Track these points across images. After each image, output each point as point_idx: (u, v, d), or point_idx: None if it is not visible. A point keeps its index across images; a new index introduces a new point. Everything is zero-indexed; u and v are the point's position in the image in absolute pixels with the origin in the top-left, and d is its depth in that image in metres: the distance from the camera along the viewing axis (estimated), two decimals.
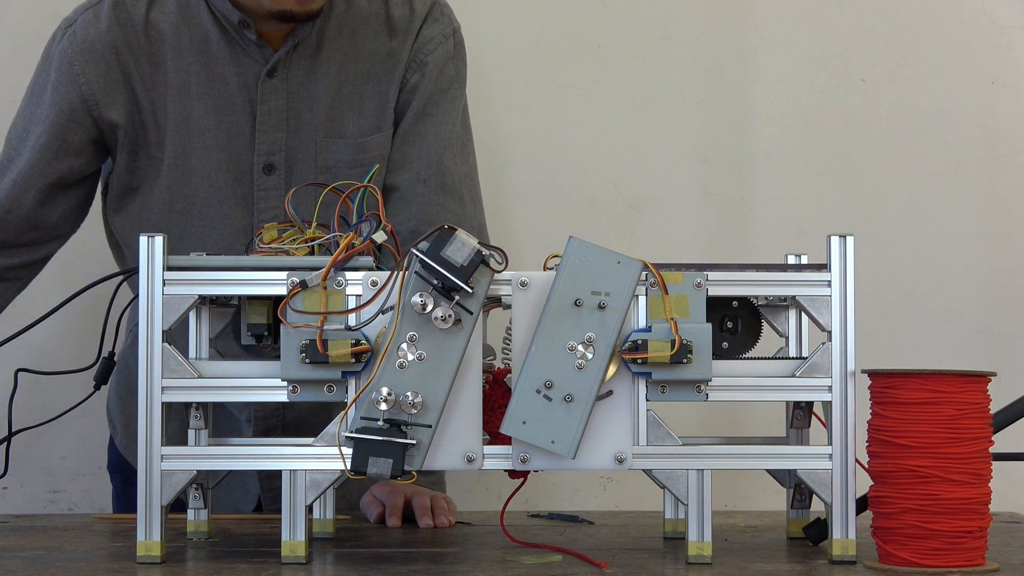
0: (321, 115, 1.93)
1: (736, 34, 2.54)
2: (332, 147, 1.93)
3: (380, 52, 1.96)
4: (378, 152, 1.95)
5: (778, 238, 2.51)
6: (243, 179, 1.91)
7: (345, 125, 1.94)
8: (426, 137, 1.98)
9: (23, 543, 1.60)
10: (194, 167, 1.90)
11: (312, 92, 1.92)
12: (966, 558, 1.37)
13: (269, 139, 1.90)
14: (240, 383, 1.43)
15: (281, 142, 1.91)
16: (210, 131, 1.90)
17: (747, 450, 1.45)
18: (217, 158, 1.90)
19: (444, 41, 2.01)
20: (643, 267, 1.39)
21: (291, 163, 1.92)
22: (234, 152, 1.90)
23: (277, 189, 1.90)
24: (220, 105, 1.90)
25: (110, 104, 1.89)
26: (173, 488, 1.42)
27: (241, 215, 1.91)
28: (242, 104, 1.90)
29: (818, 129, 2.54)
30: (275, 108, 1.90)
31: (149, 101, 1.90)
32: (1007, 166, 2.54)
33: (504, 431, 1.37)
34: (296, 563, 1.40)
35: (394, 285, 1.37)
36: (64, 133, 1.90)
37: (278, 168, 1.91)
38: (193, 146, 1.90)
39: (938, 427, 1.36)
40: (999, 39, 2.54)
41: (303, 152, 1.92)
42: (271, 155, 1.90)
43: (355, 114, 1.94)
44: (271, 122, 1.90)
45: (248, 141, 1.91)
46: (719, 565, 1.41)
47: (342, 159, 1.93)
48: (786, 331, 1.59)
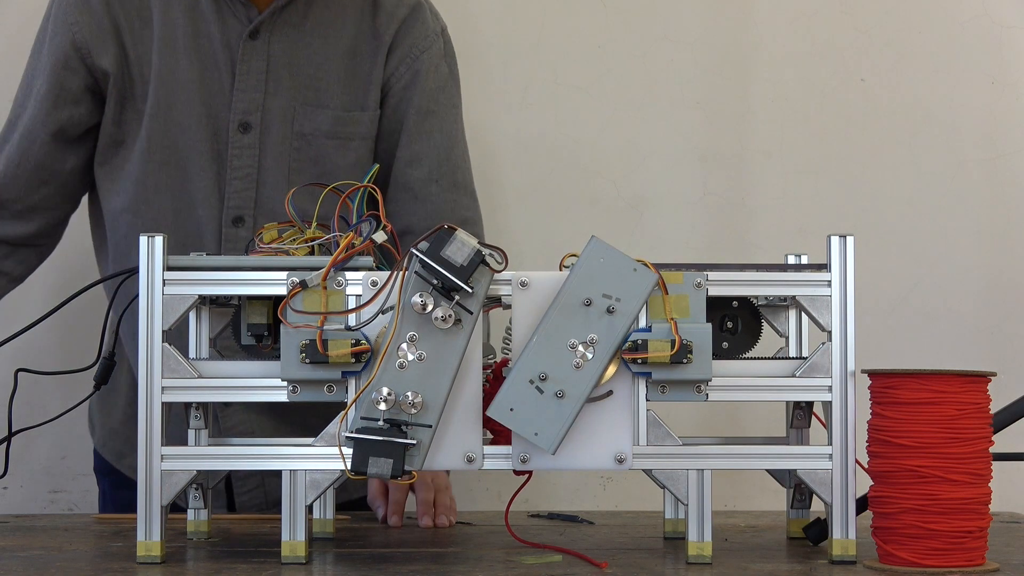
0: (302, 82, 1.96)
1: (736, 34, 2.54)
2: (311, 115, 1.96)
3: (365, 32, 2.00)
4: (359, 130, 1.99)
5: (778, 238, 2.51)
6: (220, 135, 1.95)
7: (327, 96, 1.97)
8: (433, 135, 2.02)
9: (23, 543, 1.60)
10: (174, 119, 1.95)
11: (294, 59, 1.96)
12: (966, 558, 1.37)
13: (246, 98, 1.95)
14: (240, 383, 1.43)
15: (258, 102, 1.95)
16: (193, 85, 1.95)
17: (747, 450, 1.45)
18: (198, 112, 1.95)
19: (436, 39, 2.05)
20: (658, 279, 1.39)
21: (267, 124, 1.95)
22: (213, 108, 1.95)
23: (251, 148, 1.95)
24: (203, 61, 1.95)
25: (101, 53, 1.95)
26: (173, 488, 1.42)
27: (217, 170, 1.95)
28: (224, 62, 1.95)
29: (818, 129, 2.54)
30: (254, 69, 1.95)
31: (136, 55, 1.96)
32: (1007, 166, 2.54)
33: (490, 414, 1.37)
34: (296, 563, 1.40)
35: (394, 285, 1.37)
36: (61, 81, 1.96)
37: (253, 127, 1.95)
38: (175, 98, 1.95)
39: (938, 427, 1.36)
40: (999, 39, 2.54)
41: (280, 116, 1.96)
42: (247, 114, 1.95)
43: (338, 87, 1.98)
44: (249, 82, 1.95)
45: (227, 99, 1.95)
46: (719, 565, 1.41)
47: (320, 128, 1.97)
48: (786, 331, 1.59)
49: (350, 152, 1.98)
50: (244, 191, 1.94)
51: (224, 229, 1.94)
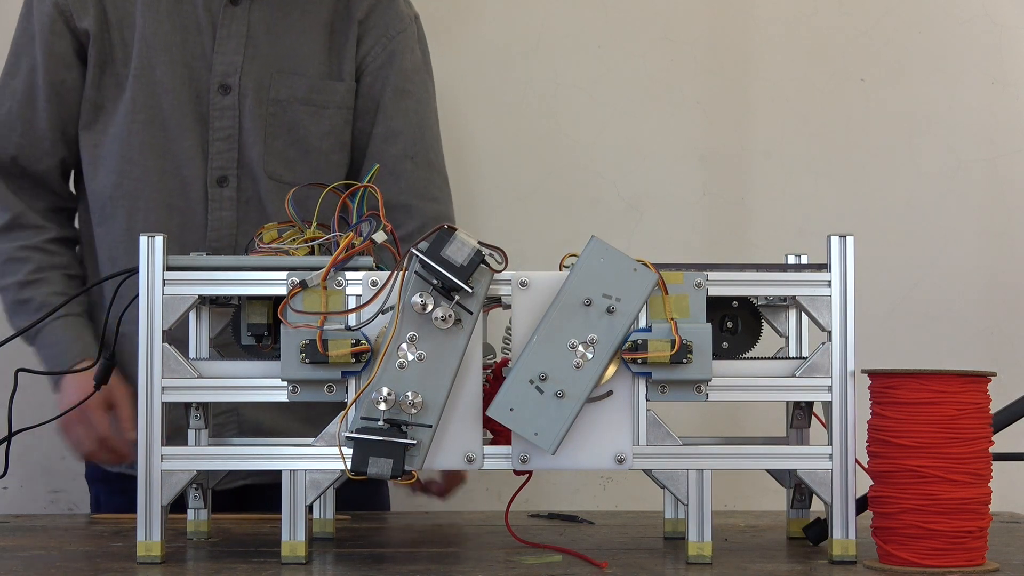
0: (279, 50, 2.02)
1: (736, 34, 2.54)
2: (286, 81, 2.02)
3: (340, 11, 2.07)
4: (334, 99, 2.04)
5: (778, 238, 2.51)
6: (202, 97, 2.00)
7: (303, 64, 2.03)
8: (409, 114, 2.08)
9: (23, 543, 1.60)
10: (158, 80, 1.99)
11: (273, 27, 2.02)
12: (966, 558, 1.37)
13: (226, 60, 2.00)
14: (240, 383, 1.43)
15: (236, 65, 2.00)
16: (175, 47, 1.99)
17: (747, 450, 1.45)
18: (180, 73, 1.99)
19: (410, 23, 2.12)
20: (658, 280, 1.39)
21: (244, 88, 2.00)
22: (195, 70, 2.00)
23: (231, 110, 1.99)
24: (186, 24, 2.00)
25: (83, 15, 2.00)
26: (173, 488, 1.41)
27: (199, 131, 1.99)
28: (206, 25, 2.00)
29: (818, 129, 2.54)
30: (234, 33, 2.01)
31: (117, 19, 2.00)
32: (1007, 166, 2.54)
33: (490, 414, 1.37)
34: (296, 563, 1.40)
35: (394, 285, 1.37)
36: (50, 47, 2.00)
37: (233, 89, 2.00)
38: (158, 59, 1.99)
39: (938, 427, 1.36)
40: (999, 39, 2.54)
41: (258, 81, 2.01)
42: (226, 76, 2.00)
43: (313, 57, 2.04)
44: (229, 46, 2.00)
45: (208, 62, 2.00)
46: (719, 565, 1.41)
47: (295, 95, 2.02)
48: (786, 331, 1.59)
49: (324, 120, 2.03)
50: (227, 152, 1.99)
51: (209, 189, 1.99)
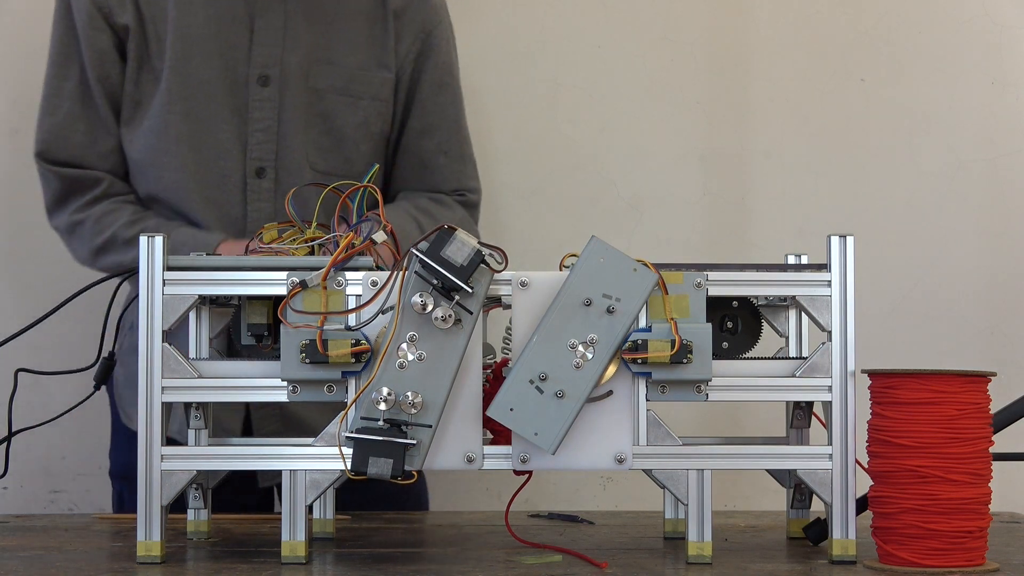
0: (317, 39, 2.03)
1: (736, 34, 2.53)
2: (324, 72, 2.02)
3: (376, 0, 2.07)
4: (370, 90, 2.05)
5: (778, 238, 2.51)
6: (239, 90, 2.00)
7: (341, 53, 2.04)
8: (447, 108, 2.10)
9: (23, 543, 1.60)
10: (192, 72, 1.99)
11: (310, 15, 2.02)
12: (966, 558, 1.37)
13: (265, 52, 2.00)
14: (240, 383, 1.43)
15: (277, 56, 2.00)
16: (210, 39, 1.99)
17: (747, 450, 1.45)
18: (216, 65, 1.99)
19: (444, 15, 2.13)
20: (658, 279, 1.39)
21: (285, 78, 2.01)
22: (232, 62, 2.00)
23: (271, 102, 2.00)
24: (221, 15, 2.00)
25: (120, 10, 2.00)
26: (173, 488, 1.41)
27: (236, 123, 2.00)
28: (242, 16, 2.00)
29: (818, 129, 2.54)
30: (273, 24, 2.01)
31: (151, 13, 2.00)
32: (1007, 166, 2.54)
33: (490, 414, 1.37)
34: (296, 563, 1.40)
35: (394, 285, 1.37)
36: (93, 43, 2.01)
37: (273, 81, 1.99)
38: (193, 51, 1.99)
39: (938, 427, 1.36)
40: (999, 39, 2.54)
41: (297, 71, 2.01)
42: (266, 67, 2.00)
43: (350, 46, 2.04)
44: (268, 36, 2.00)
45: (245, 53, 2.00)
46: (719, 565, 1.41)
47: (333, 85, 2.03)
48: (786, 331, 1.59)
49: (359, 111, 2.04)
50: (265, 143, 1.99)
51: (248, 180, 1.99)
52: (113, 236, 1.99)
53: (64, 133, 2.04)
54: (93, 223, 2.01)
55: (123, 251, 1.98)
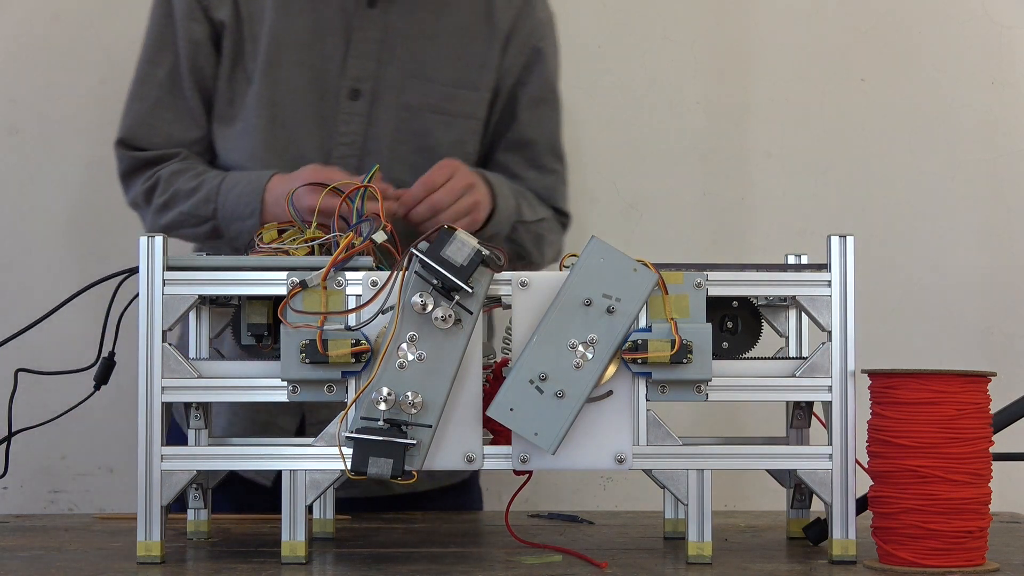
0: (413, 55, 1.98)
1: (736, 34, 2.53)
2: (419, 88, 1.98)
3: (478, 14, 2.01)
4: (465, 108, 2.00)
5: (778, 238, 2.50)
6: (328, 101, 1.96)
7: (437, 70, 1.99)
8: (543, 123, 2.06)
9: (23, 543, 1.60)
10: (283, 79, 1.96)
11: (409, 31, 1.98)
12: (966, 558, 1.37)
13: (359, 65, 1.96)
14: (240, 383, 1.43)
15: (371, 71, 1.96)
16: (305, 48, 1.96)
17: (747, 450, 1.45)
18: (306, 75, 1.96)
19: (550, 29, 2.09)
20: (658, 280, 1.39)
21: (377, 94, 1.96)
22: (323, 73, 1.96)
23: (360, 116, 1.95)
24: (317, 25, 1.96)
25: (219, 5, 1.97)
26: (173, 488, 1.41)
27: (321, 135, 1.96)
28: (339, 27, 1.96)
29: (818, 129, 2.54)
30: (370, 37, 1.96)
31: (248, 12, 1.97)
32: (1007, 166, 2.54)
33: (490, 414, 1.37)
34: (296, 563, 1.40)
35: (394, 285, 1.37)
36: (190, 33, 1.98)
37: (363, 95, 1.96)
38: (286, 58, 1.96)
39: (938, 427, 1.36)
40: (999, 39, 2.54)
41: (390, 87, 1.97)
42: (359, 81, 1.96)
43: (448, 63, 1.99)
44: (364, 50, 1.96)
45: (339, 65, 1.96)
46: (719, 565, 1.41)
47: (428, 102, 1.98)
48: (786, 331, 1.59)
49: (454, 129, 1.99)
50: (349, 157, 1.96)
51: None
52: (176, 191, 1.95)
53: (150, 120, 2.00)
54: (163, 183, 1.97)
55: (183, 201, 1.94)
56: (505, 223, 1.93)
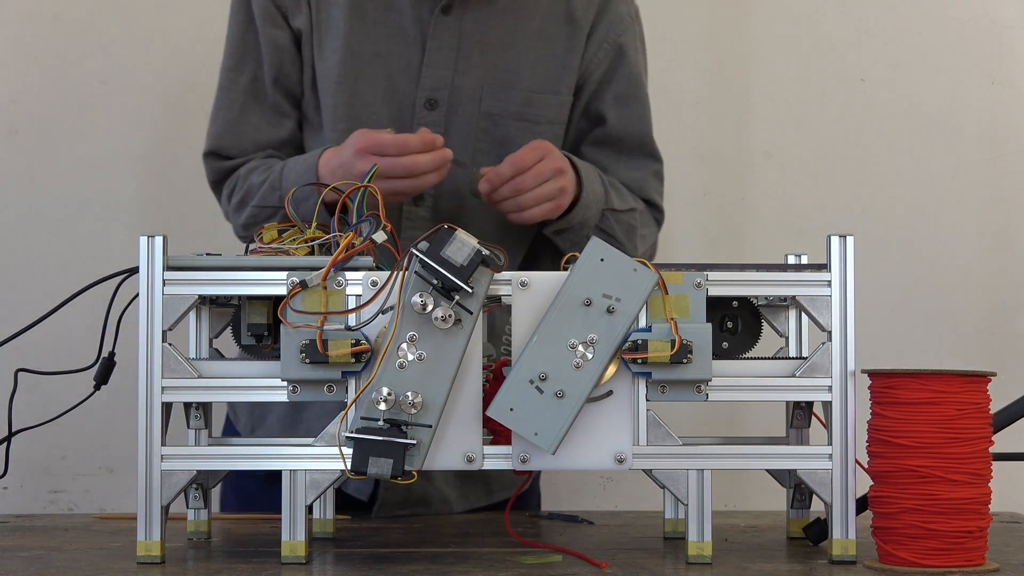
0: (491, 61, 1.93)
1: (736, 34, 2.53)
2: (499, 95, 1.93)
3: (558, 15, 1.96)
4: (547, 113, 1.95)
5: (778, 238, 2.51)
6: (404, 112, 1.91)
7: (517, 76, 1.93)
8: (632, 121, 2.00)
9: (23, 543, 1.60)
10: (359, 91, 1.91)
11: (485, 37, 1.92)
12: (966, 558, 1.37)
13: (435, 75, 1.91)
14: (240, 383, 1.43)
15: (447, 80, 1.91)
16: (380, 59, 1.91)
17: (747, 450, 1.45)
18: (383, 86, 1.91)
19: (632, 23, 2.02)
20: (658, 280, 1.39)
21: (454, 103, 1.92)
22: (399, 83, 1.91)
23: (436, 126, 1.90)
24: (392, 34, 1.91)
25: (296, 12, 1.93)
26: (173, 488, 1.41)
27: None
28: (414, 36, 1.91)
29: (818, 129, 2.54)
30: (445, 45, 1.91)
31: (319, 20, 1.92)
32: (1007, 166, 2.54)
33: (490, 414, 1.37)
34: (296, 563, 1.40)
35: (394, 285, 1.37)
36: (273, 40, 1.93)
37: (440, 105, 1.91)
38: (362, 69, 1.91)
39: (938, 427, 1.36)
40: (999, 39, 2.54)
41: (468, 95, 1.92)
42: (435, 91, 1.91)
43: (528, 69, 1.94)
44: (439, 58, 1.91)
45: (414, 75, 1.91)
46: (719, 565, 1.41)
47: (508, 110, 1.93)
48: (786, 331, 1.59)
49: (536, 136, 1.91)
50: None
51: (404, 207, 1.91)
52: (248, 186, 1.91)
53: (238, 128, 1.95)
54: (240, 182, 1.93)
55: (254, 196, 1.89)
56: (593, 211, 1.88)
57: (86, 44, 2.54)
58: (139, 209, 2.55)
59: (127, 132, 2.55)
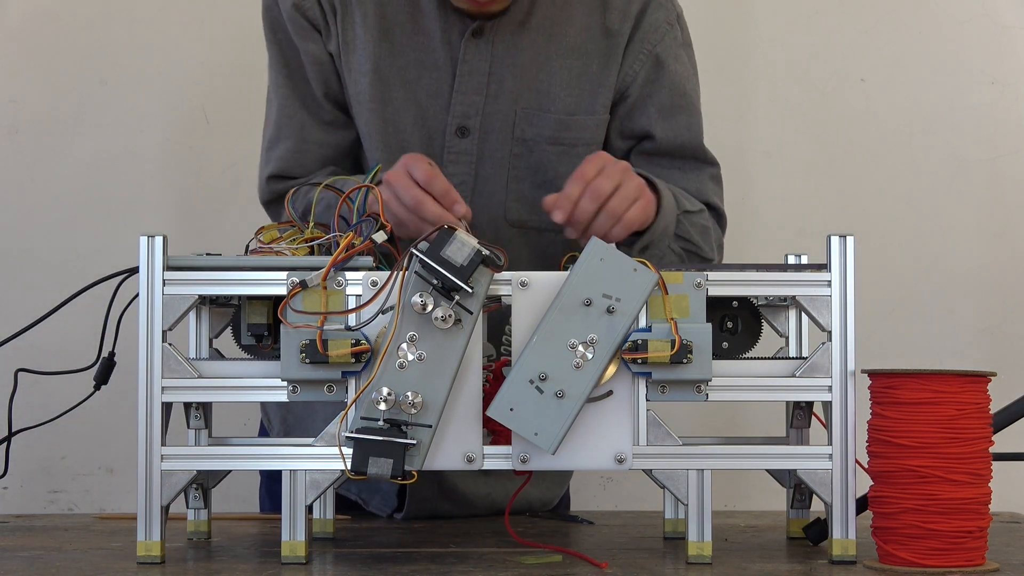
0: (524, 84, 1.84)
1: (736, 34, 2.53)
2: (533, 119, 1.84)
3: (593, 29, 1.87)
4: (584, 135, 1.86)
5: (778, 238, 2.51)
6: (435, 139, 1.84)
7: (550, 99, 1.85)
8: (679, 131, 1.90)
9: (23, 543, 1.60)
10: (389, 117, 1.84)
11: (517, 59, 1.84)
12: (966, 558, 1.37)
13: (466, 101, 1.83)
14: (240, 383, 1.43)
15: (478, 106, 1.83)
16: (409, 84, 1.84)
17: (747, 450, 1.45)
18: (413, 113, 1.84)
19: (670, 29, 1.91)
20: (658, 280, 1.39)
21: (487, 129, 1.84)
22: (430, 109, 1.84)
23: (468, 154, 1.83)
24: (422, 59, 1.84)
25: (327, 33, 1.85)
26: (173, 488, 1.42)
27: None
28: (444, 61, 1.83)
29: (818, 129, 2.54)
30: (476, 70, 1.83)
31: (346, 41, 1.84)
32: (1007, 166, 2.54)
33: (490, 414, 1.37)
34: (296, 563, 1.40)
35: (394, 285, 1.37)
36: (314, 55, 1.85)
37: (472, 132, 1.83)
38: (391, 95, 1.84)
39: (938, 427, 1.36)
40: (999, 39, 2.54)
41: (501, 120, 1.84)
42: (466, 118, 1.83)
43: (562, 89, 1.85)
44: (471, 84, 1.83)
45: (444, 101, 1.84)
46: (719, 565, 1.41)
47: (542, 134, 1.85)
48: (786, 331, 1.59)
49: (573, 160, 1.81)
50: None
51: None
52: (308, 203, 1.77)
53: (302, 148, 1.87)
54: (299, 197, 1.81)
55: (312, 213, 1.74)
56: (671, 216, 1.77)
57: (86, 44, 2.54)
58: (139, 209, 2.55)
59: (127, 132, 2.55)
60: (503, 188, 1.85)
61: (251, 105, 2.56)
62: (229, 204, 2.57)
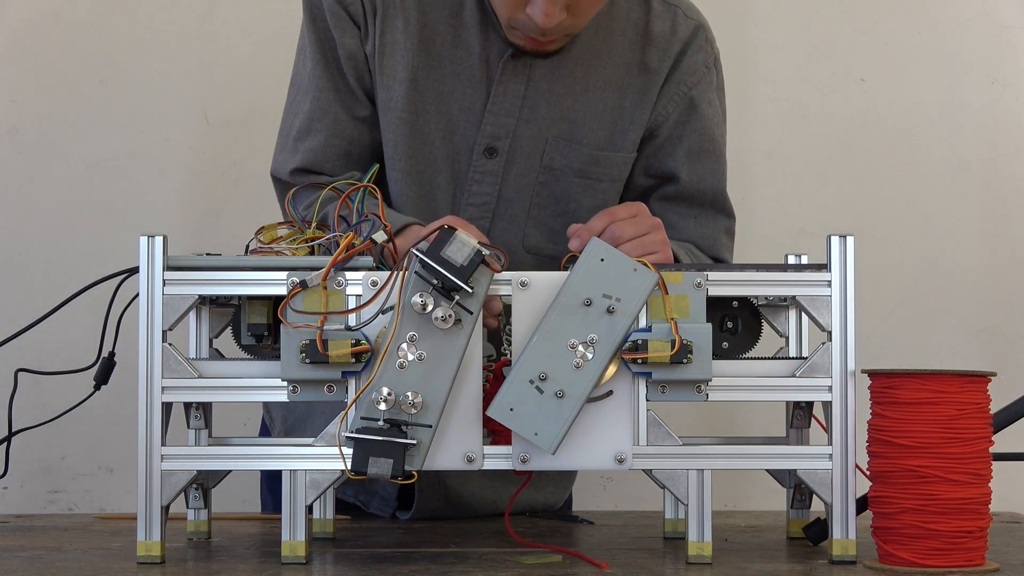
0: (558, 113, 1.83)
1: (736, 34, 2.53)
2: (563, 150, 1.83)
3: (632, 64, 1.85)
4: (610, 171, 1.85)
5: (778, 238, 2.51)
6: (461, 155, 1.82)
7: (583, 131, 1.83)
8: (704, 176, 1.88)
9: (23, 543, 1.60)
10: (420, 129, 1.82)
11: (553, 86, 1.82)
12: (966, 558, 1.37)
13: (498, 122, 1.81)
14: (240, 383, 1.43)
15: (509, 128, 1.81)
16: (443, 97, 1.81)
17: (747, 450, 1.45)
18: (443, 127, 1.82)
19: (707, 72, 1.90)
20: (658, 280, 1.39)
21: (515, 153, 1.82)
22: (460, 126, 1.82)
23: (494, 176, 1.82)
24: (459, 73, 1.81)
25: (366, 38, 1.82)
26: (173, 488, 1.42)
27: (453, 192, 1.83)
28: (480, 78, 1.81)
29: (818, 129, 2.54)
30: (512, 92, 1.81)
31: (382, 44, 1.81)
32: (1007, 166, 2.54)
33: (490, 414, 1.37)
34: (296, 563, 1.40)
35: (394, 285, 1.37)
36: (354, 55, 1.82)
37: (500, 154, 1.81)
38: (424, 107, 1.81)
39: (938, 427, 1.36)
40: (999, 39, 2.54)
41: (530, 146, 1.82)
42: (496, 139, 1.81)
43: (595, 122, 1.84)
44: (504, 105, 1.81)
45: (476, 118, 1.81)
46: (719, 565, 1.41)
47: (571, 166, 1.83)
48: (786, 331, 1.59)
49: (597, 194, 1.83)
50: (479, 219, 1.82)
51: None
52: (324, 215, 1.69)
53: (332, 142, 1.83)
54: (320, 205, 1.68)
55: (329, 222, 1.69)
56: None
57: (86, 44, 2.54)
58: (139, 209, 2.55)
59: (127, 132, 2.56)
60: (524, 213, 1.83)
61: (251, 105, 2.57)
62: (229, 204, 2.57)
